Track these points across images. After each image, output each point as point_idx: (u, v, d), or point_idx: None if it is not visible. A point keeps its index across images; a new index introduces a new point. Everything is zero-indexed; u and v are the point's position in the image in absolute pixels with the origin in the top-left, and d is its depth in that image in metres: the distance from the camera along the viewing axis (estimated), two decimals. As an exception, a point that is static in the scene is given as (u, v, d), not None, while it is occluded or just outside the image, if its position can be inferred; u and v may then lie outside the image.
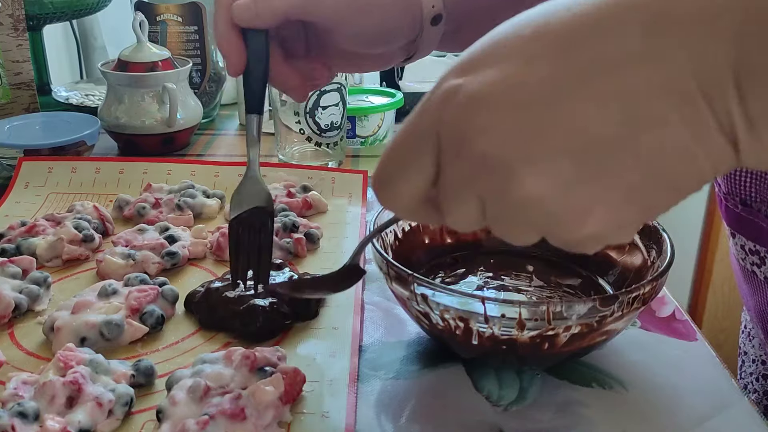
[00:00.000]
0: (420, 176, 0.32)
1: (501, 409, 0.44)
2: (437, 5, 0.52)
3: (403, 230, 0.56)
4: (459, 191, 0.31)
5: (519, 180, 0.28)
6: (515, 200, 0.29)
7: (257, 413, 0.40)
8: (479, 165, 0.30)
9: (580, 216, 0.29)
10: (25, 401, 0.40)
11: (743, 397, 0.45)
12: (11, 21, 0.87)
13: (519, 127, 0.28)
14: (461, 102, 0.29)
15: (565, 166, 0.28)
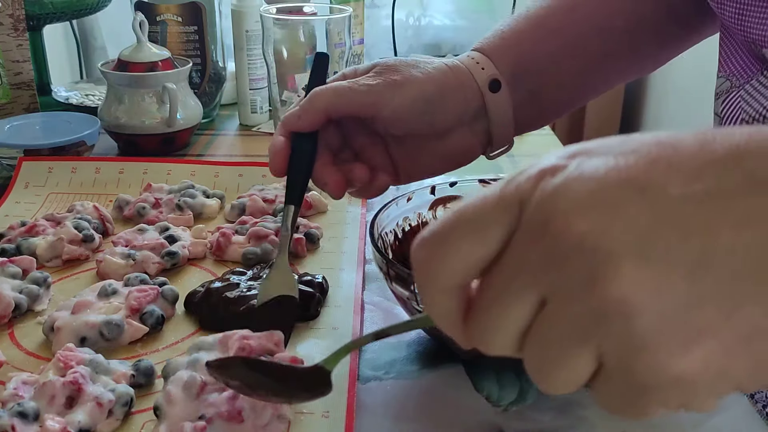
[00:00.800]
0: (479, 252, 0.27)
1: (501, 409, 0.44)
2: (488, 68, 0.53)
3: (403, 230, 0.56)
4: (519, 287, 0.26)
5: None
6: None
7: (255, 413, 0.40)
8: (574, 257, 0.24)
9: (685, 339, 0.24)
10: (25, 401, 0.40)
11: (743, 397, 0.45)
12: (11, 21, 0.87)
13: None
14: (565, 176, 0.25)
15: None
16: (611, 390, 0.26)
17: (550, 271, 0.25)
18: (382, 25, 1.76)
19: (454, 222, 0.27)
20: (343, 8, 0.79)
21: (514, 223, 0.26)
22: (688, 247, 0.24)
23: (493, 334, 0.28)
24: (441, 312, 0.29)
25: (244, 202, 0.68)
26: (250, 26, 0.94)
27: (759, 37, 0.49)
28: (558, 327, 0.26)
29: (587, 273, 0.24)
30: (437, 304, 0.29)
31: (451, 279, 0.28)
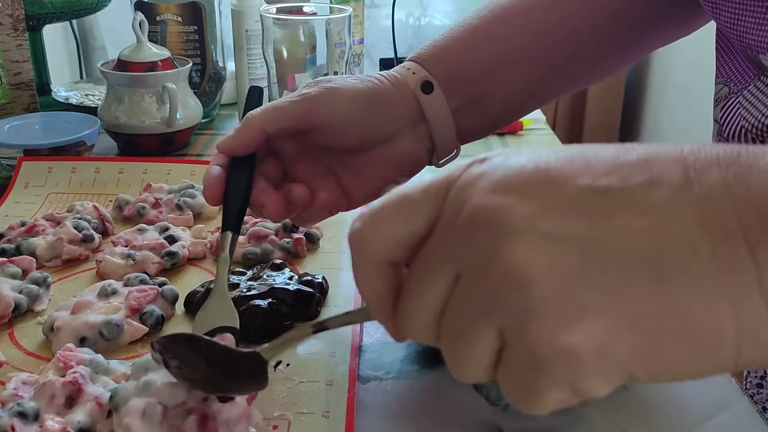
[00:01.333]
0: (406, 228, 0.29)
1: (501, 409, 0.44)
2: (418, 72, 0.53)
3: (403, 230, 0.56)
4: (438, 266, 0.28)
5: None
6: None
7: (229, 429, 0.38)
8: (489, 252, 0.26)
9: (573, 313, 0.25)
10: (24, 401, 0.40)
11: (743, 397, 0.45)
12: (11, 21, 0.87)
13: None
14: (488, 174, 0.28)
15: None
16: (512, 371, 0.27)
17: (462, 247, 0.27)
18: (382, 25, 1.76)
19: (387, 201, 0.30)
20: (343, 8, 0.79)
21: (440, 206, 0.29)
22: (584, 228, 0.26)
23: (415, 316, 0.29)
24: (371, 293, 0.31)
25: (244, 202, 0.68)
26: (250, 26, 0.94)
27: (755, 42, 0.49)
28: (465, 302, 0.28)
29: (491, 247, 0.26)
30: (368, 282, 0.31)
31: (380, 253, 0.30)
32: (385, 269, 0.31)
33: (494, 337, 0.27)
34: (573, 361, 0.25)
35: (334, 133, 0.50)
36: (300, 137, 0.51)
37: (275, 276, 0.55)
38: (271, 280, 0.54)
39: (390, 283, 0.31)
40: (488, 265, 0.26)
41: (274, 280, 0.54)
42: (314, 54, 0.78)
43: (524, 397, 0.28)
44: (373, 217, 0.31)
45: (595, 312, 0.25)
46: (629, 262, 0.25)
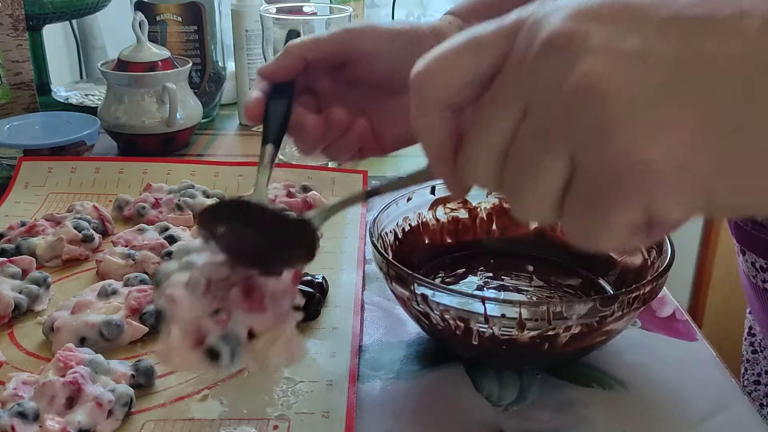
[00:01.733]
0: (474, 67, 0.28)
1: (501, 409, 0.44)
2: (454, 22, 0.55)
3: (403, 230, 0.56)
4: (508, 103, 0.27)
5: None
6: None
7: (275, 302, 0.37)
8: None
9: (653, 129, 0.25)
10: (25, 401, 0.40)
11: (743, 397, 0.45)
12: (11, 21, 0.87)
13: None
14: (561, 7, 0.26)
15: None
16: (581, 198, 0.26)
17: (533, 76, 0.27)
18: (382, 25, 1.76)
19: (454, 42, 0.29)
20: (343, 8, 0.79)
21: (510, 44, 0.28)
22: (671, 51, 0.25)
23: (479, 158, 0.29)
24: (433, 139, 0.30)
25: (244, 202, 0.68)
26: (250, 26, 0.94)
27: None
28: (533, 133, 0.27)
29: (565, 67, 0.25)
30: (429, 127, 0.30)
31: (444, 95, 0.29)
32: (448, 114, 0.30)
33: (564, 163, 0.26)
34: (650, 176, 0.25)
35: (370, 68, 0.51)
36: (336, 74, 0.52)
37: (275, 276, 0.54)
38: (271, 280, 0.54)
39: (452, 129, 0.30)
40: (561, 86, 0.25)
41: (274, 280, 0.54)
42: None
43: (594, 225, 0.26)
44: (439, 57, 0.29)
45: (677, 127, 0.25)
46: (720, 83, 0.24)
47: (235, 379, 0.46)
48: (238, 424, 0.42)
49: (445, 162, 0.31)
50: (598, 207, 0.26)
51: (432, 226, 0.58)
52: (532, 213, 0.28)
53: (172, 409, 0.43)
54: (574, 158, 0.26)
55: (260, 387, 0.45)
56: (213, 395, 0.44)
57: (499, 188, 0.29)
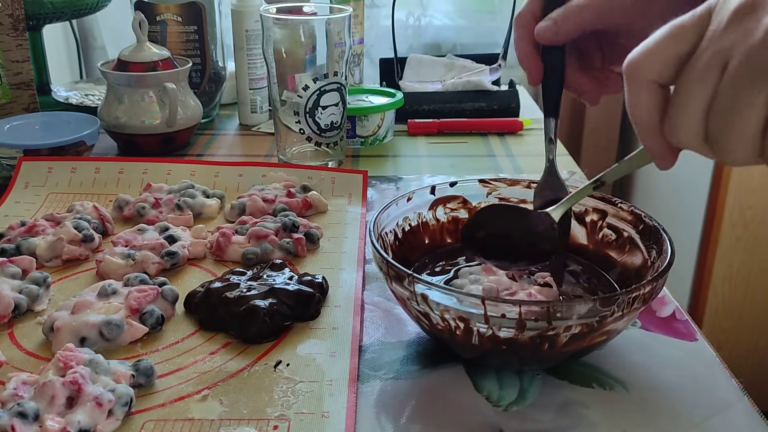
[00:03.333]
0: (676, 46, 0.34)
1: (501, 409, 0.44)
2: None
3: (403, 230, 0.56)
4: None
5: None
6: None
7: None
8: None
9: None
10: (25, 401, 0.40)
11: (743, 397, 0.45)
12: (11, 21, 0.87)
13: None
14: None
15: None
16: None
17: (729, 37, 0.32)
18: (382, 25, 1.76)
19: (660, 31, 0.35)
20: (343, 8, 0.79)
21: (706, 24, 0.33)
22: None
23: (683, 118, 0.34)
24: (642, 111, 0.36)
25: (244, 202, 0.68)
26: (250, 26, 0.94)
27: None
28: (733, 81, 0.32)
29: (752, 24, 0.31)
30: (639, 101, 0.36)
31: (651, 72, 0.35)
32: (655, 89, 0.35)
33: (763, 100, 0.31)
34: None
35: (641, 38, 0.51)
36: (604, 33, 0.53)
37: (275, 276, 0.55)
38: (271, 280, 0.54)
39: (658, 102, 0.35)
40: (752, 39, 0.31)
41: (274, 280, 0.54)
42: (314, 54, 0.78)
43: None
44: (646, 44, 0.35)
45: None
46: None
47: (235, 379, 0.46)
48: (238, 424, 0.42)
49: (654, 131, 0.36)
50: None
51: (432, 226, 0.58)
52: (739, 154, 0.33)
53: (172, 409, 0.43)
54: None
55: (260, 387, 0.45)
56: (213, 395, 0.44)
57: (704, 143, 0.34)
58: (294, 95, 0.79)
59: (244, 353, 0.48)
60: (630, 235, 0.53)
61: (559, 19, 0.50)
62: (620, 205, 0.54)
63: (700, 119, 0.34)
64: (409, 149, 0.92)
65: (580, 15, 0.50)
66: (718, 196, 1.58)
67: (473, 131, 0.97)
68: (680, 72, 0.35)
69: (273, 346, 0.49)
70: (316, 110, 0.79)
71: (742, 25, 0.32)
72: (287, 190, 0.71)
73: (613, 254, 0.54)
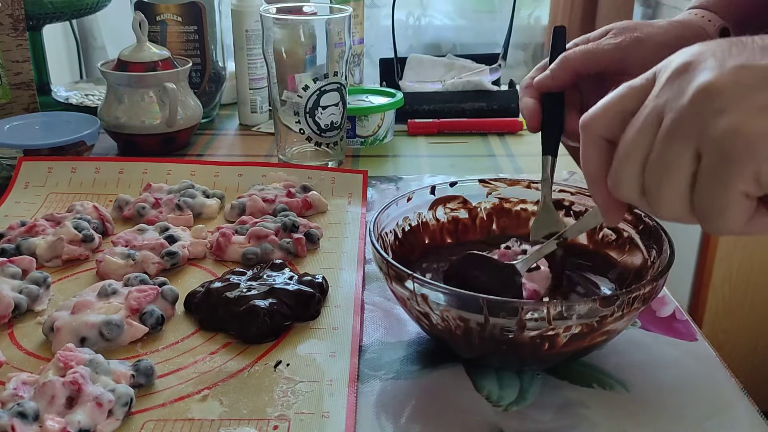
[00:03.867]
0: (623, 103, 0.36)
1: (501, 409, 0.44)
2: (714, 20, 0.58)
3: (403, 230, 0.56)
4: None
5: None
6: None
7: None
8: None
9: (757, 109, 0.31)
10: (25, 401, 0.40)
11: (743, 397, 0.45)
12: (11, 21, 0.87)
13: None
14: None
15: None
16: (704, 179, 0.33)
17: (662, 98, 0.34)
18: (382, 25, 1.76)
19: (615, 91, 0.37)
20: (343, 8, 0.79)
21: (651, 87, 0.36)
22: (763, 59, 0.33)
23: (622, 172, 0.36)
24: (589, 164, 0.38)
25: (244, 202, 0.68)
26: (250, 26, 0.94)
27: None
28: (666, 134, 0.34)
29: (684, 84, 0.33)
30: (588, 155, 0.38)
31: (600, 128, 0.37)
32: (603, 145, 0.37)
33: (690, 154, 0.33)
34: (757, 147, 0.31)
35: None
36: (603, 80, 0.56)
37: (275, 276, 0.55)
38: (271, 280, 0.54)
39: (605, 158, 0.37)
40: (684, 97, 0.33)
41: (274, 280, 0.54)
42: (314, 54, 0.78)
43: (717, 203, 0.32)
44: (600, 102, 0.38)
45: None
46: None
47: (235, 379, 0.46)
48: (238, 424, 0.42)
49: (600, 185, 0.38)
50: (719, 183, 0.32)
51: (432, 226, 0.58)
52: (671, 209, 0.35)
53: (172, 409, 0.43)
54: (698, 149, 0.33)
55: (260, 387, 0.45)
56: (213, 395, 0.44)
57: (642, 198, 0.36)
58: (294, 95, 0.79)
59: (244, 353, 0.48)
60: (630, 235, 0.53)
61: (554, 67, 0.55)
62: (620, 205, 0.54)
63: (638, 173, 0.35)
64: (409, 149, 0.92)
65: (571, 61, 0.55)
66: (718, 196, 1.58)
67: (473, 131, 0.97)
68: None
69: (273, 346, 0.49)
70: (316, 110, 0.79)
71: (676, 83, 0.34)
72: (287, 190, 0.71)
73: (613, 254, 0.54)
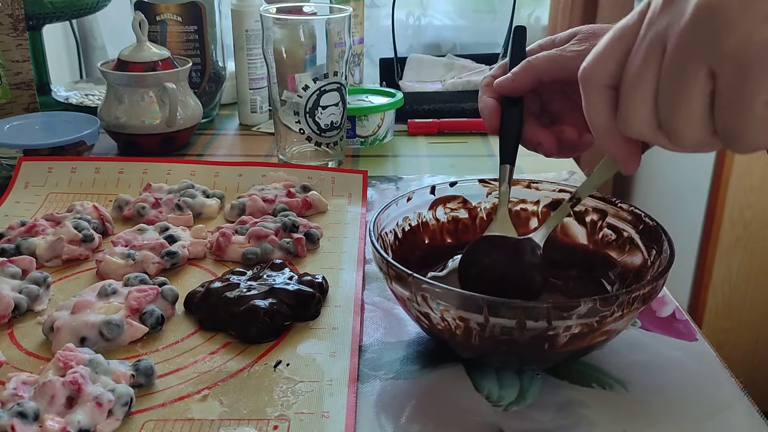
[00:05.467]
0: (622, 45, 0.35)
1: (501, 409, 0.44)
2: None
3: (403, 230, 0.56)
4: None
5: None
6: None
7: None
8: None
9: (764, 15, 0.30)
10: (24, 401, 0.40)
11: (743, 397, 0.45)
12: (11, 21, 0.87)
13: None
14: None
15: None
16: (724, 98, 0.32)
17: (661, 23, 0.33)
18: (382, 25, 1.76)
19: (605, 37, 0.37)
20: (343, 8, 0.79)
21: (643, 16, 0.35)
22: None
23: (633, 107, 0.35)
24: (597, 113, 0.37)
25: (244, 201, 0.68)
26: (250, 26, 0.94)
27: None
28: (674, 58, 0.32)
29: (683, 5, 0.32)
30: (594, 106, 0.37)
31: (603, 77, 0.36)
32: (609, 93, 0.37)
33: (704, 75, 0.32)
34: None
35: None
36: (566, 88, 0.55)
37: (275, 276, 0.55)
38: (271, 280, 0.54)
39: (611, 105, 0.37)
40: (684, 17, 0.31)
41: (274, 280, 0.54)
42: (314, 54, 0.78)
43: (743, 121, 0.31)
44: (595, 50, 0.37)
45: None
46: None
47: (235, 379, 0.46)
48: (238, 424, 0.42)
49: (611, 133, 0.37)
50: (740, 98, 0.31)
51: (432, 226, 0.58)
52: (692, 136, 0.34)
53: (172, 409, 0.43)
54: (711, 68, 0.31)
55: (260, 387, 0.45)
56: (213, 395, 0.44)
57: (658, 131, 0.35)
58: (294, 95, 0.79)
59: (244, 353, 0.48)
60: (630, 235, 0.53)
61: (517, 71, 0.54)
62: (620, 205, 0.54)
63: (650, 106, 0.34)
64: (409, 149, 0.92)
65: (535, 67, 0.53)
66: (718, 196, 1.58)
67: (473, 131, 0.97)
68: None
69: (273, 346, 0.49)
70: (316, 110, 0.79)
71: (674, 6, 0.33)
72: (287, 190, 0.71)
73: (613, 254, 0.54)
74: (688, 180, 1.66)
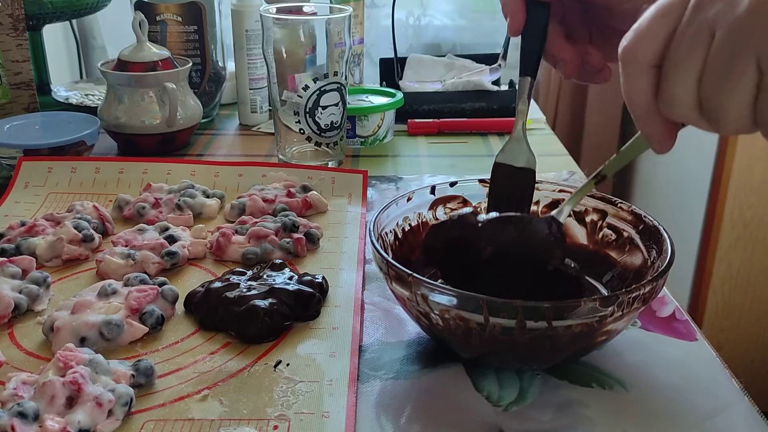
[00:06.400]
0: (665, 24, 0.34)
1: (501, 409, 0.44)
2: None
3: (403, 230, 0.56)
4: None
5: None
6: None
7: None
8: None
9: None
10: (24, 401, 0.40)
11: (743, 397, 0.45)
12: (11, 21, 0.87)
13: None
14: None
15: None
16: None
17: (713, 8, 0.32)
18: (382, 25, 1.76)
19: (647, 14, 0.36)
20: (343, 8, 0.79)
21: (687, 2, 0.34)
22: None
23: (677, 90, 0.35)
24: (639, 93, 0.37)
25: (244, 201, 0.68)
26: (250, 26, 0.94)
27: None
28: (723, 46, 0.32)
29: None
30: (636, 87, 0.37)
31: (647, 57, 0.36)
32: (652, 73, 0.36)
33: (753, 68, 0.32)
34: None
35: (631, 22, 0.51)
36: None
37: (275, 276, 0.55)
38: (271, 280, 0.54)
39: (653, 83, 0.36)
40: (740, 6, 0.31)
41: (274, 280, 0.54)
42: (314, 54, 0.78)
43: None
44: (637, 27, 0.36)
45: None
46: None
47: (235, 379, 0.46)
48: (238, 424, 0.42)
49: (651, 114, 0.37)
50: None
51: (432, 226, 0.58)
52: (734, 123, 0.33)
53: (172, 409, 0.43)
54: (759, 62, 0.31)
55: (260, 387, 0.45)
56: (213, 395, 0.44)
57: (699, 115, 0.35)
58: (294, 95, 0.79)
59: (244, 353, 0.48)
60: (630, 235, 0.53)
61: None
62: (620, 205, 0.54)
63: (694, 90, 0.34)
64: (409, 149, 0.92)
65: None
66: (718, 195, 1.58)
67: (473, 131, 0.97)
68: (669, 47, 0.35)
69: (273, 346, 0.49)
70: (316, 110, 0.79)
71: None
72: (287, 190, 0.71)
73: (613, 254, 0.54)
74: (688, 180, 1.66)
